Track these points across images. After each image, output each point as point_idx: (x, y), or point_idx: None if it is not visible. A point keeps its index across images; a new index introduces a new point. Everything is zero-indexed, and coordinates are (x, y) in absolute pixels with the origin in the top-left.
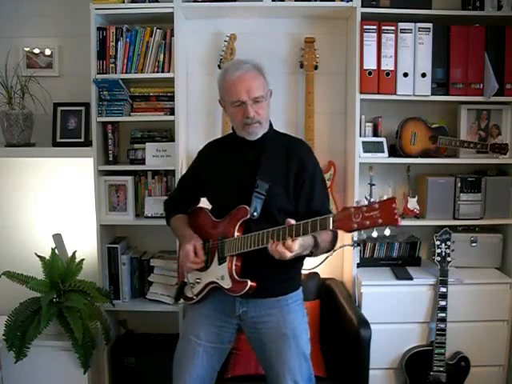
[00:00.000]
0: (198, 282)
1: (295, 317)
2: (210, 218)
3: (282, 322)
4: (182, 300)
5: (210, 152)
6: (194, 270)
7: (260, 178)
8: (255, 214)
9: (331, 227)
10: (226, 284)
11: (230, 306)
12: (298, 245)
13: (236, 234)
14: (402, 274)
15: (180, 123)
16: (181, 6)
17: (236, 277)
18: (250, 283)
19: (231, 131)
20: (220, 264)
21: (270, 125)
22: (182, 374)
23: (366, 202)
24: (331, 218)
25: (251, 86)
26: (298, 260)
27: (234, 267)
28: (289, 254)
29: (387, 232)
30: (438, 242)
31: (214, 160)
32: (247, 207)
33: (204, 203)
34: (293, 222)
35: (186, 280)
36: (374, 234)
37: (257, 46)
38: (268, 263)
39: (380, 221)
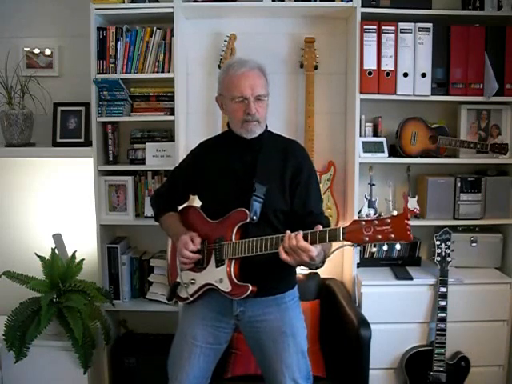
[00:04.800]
0: (192, 283)
1: (293, 314)
2: (203, 218)
3: (280, 321)
4: (174, 299)
5: (205, 151)
6: (188, 270)
7: (257, 181)
8: (255, 217)
9: (341, 239)
10: (226, 287)
11: (227, 306)
12: (317, 250)
13: (234, 237)
14: (401, 274)
15: (180, 123)
16: (181, 6)
17: (236, 281)
18: (251, 288)
19: (227, 129)
20: (218, 267)
21: (266, 126)
22: (179, 374)
23: (366, 202)
24: (341, 230)
25: (255, 84)
26: None
27: (233, 271)
28: (306, 258)
29: (398, 246)
30: (438, 242)
31: (209, 160)
32: (246, 211)
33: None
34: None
35: (179, 280)
36: (385, 248)
37: (257, 46)
38: (265, 263)
39: (392, 236)
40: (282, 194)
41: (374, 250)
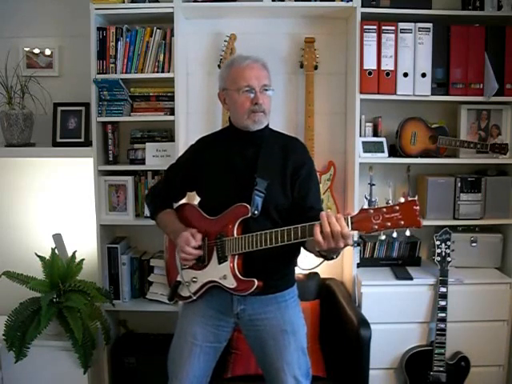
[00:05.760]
0: (194, 281)
1: (293, 312)
2: (201, 214)
3: (280, 319)
4: (175, 299)
5: (204, 147)
6: (188, 269)
7: (259, 176)
8: (256, 212)
9: (350, 228)
10: (230, 284)
11: (227, 305)
12: (352, 236)
13: (235, 232)
14: (401, 274)
15: (180, 123)
16: (181, 6)
17: (240, 276)
18: (257, 282)
19: (227, 125)
20: (220, 263)
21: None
22: (179, 373)
23: (366, 202)
24: (350, 219)
25: (260, 75)
26: (295, 255)
27: (236, 266)
28: (342, 245)
29: (408, 233)
30: (437, 242)
31: (209, 155)
32: (247, 205)
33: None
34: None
35: (179, 279)
36: (394, 235)
37: (257, 46)
38: (268, 260)
39: (402, 222)
40: (283, 189)
41: (383, 237)
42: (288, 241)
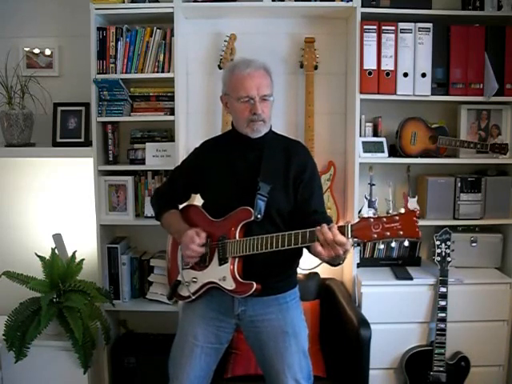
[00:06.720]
0: (194, 281)
1: (294, 314)
2: (205, 216)
3: (281, 320)
4: (174, 299)
5: (207, 150)
6: (189, 269)
7: (262, 180)
8: (259, 216)
9: (349, 236)
10: (229, 285)
11: (228, 306)
12: (350, 243)
13: (237, 235)
14: (402, 274)
15: (180, 123)
16: (181, 6)
17: (239, 279)
18: (255, 285)
19: (230, 128)
20: (221, 265)
21: (270, 126)
22: (180, 374)
23: (366, 202)
24: (349, 227)
25: (261, 84)
26: (297, 257)
27: (236, 269)
28: (341, 252)
29: (406, 243)
30: (438, 242)
31: (212, 159)
32: (250, 209)
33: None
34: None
35: (179, 278)
36: (393, 244)
37: (257, 46)
38: (268, 263)
39: (401, 232)
40: (286, 193)
41: (382, 246)
42: (288, 246)
